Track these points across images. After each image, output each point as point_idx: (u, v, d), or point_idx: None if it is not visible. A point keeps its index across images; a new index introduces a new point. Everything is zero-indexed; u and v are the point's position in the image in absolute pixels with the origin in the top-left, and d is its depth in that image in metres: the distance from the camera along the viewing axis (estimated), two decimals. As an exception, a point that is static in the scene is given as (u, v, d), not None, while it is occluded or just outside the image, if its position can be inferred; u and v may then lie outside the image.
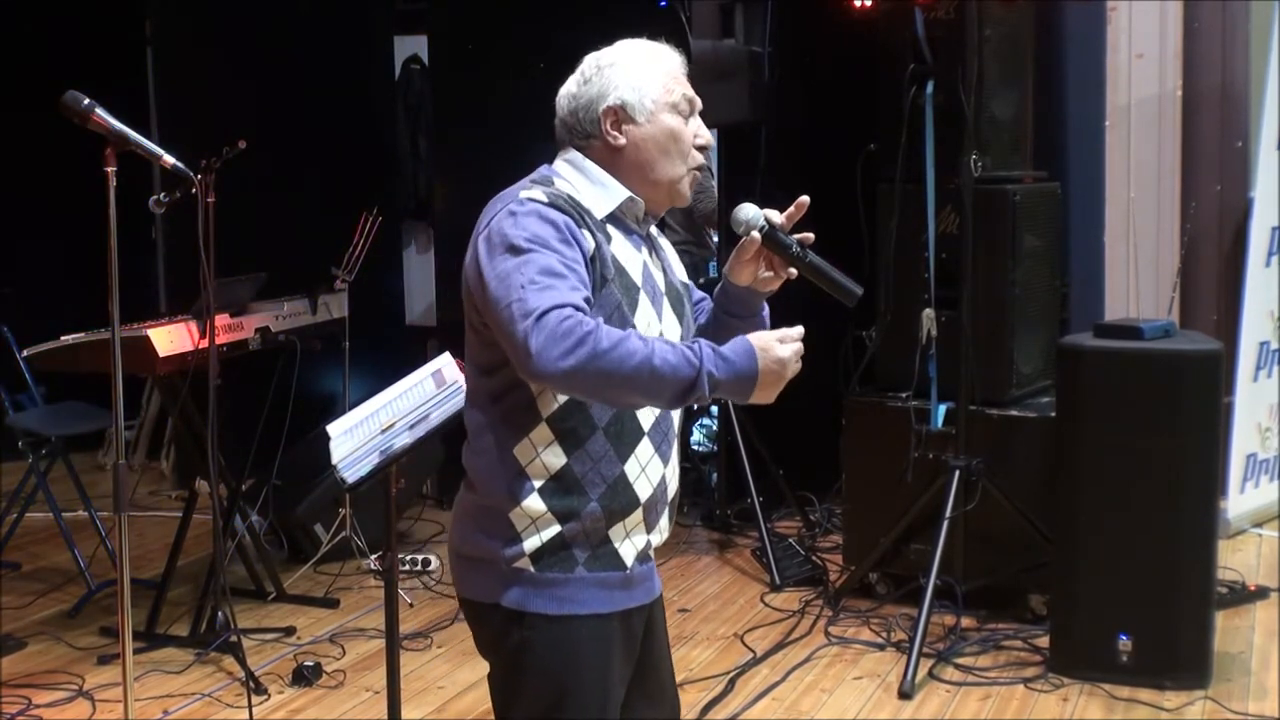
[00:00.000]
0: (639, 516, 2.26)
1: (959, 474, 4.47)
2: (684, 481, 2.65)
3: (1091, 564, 4.11)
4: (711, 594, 5.04)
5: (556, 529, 2.21)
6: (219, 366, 4.08)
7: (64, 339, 4.28)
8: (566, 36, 6.10)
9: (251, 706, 3.77)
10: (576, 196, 2.22)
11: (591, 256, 2.15)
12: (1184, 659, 4.07)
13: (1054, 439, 4.30)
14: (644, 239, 2.31)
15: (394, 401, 2.95)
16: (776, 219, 2.30)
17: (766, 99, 5.51)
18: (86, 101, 3.02)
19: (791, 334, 2.11)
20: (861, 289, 2.29)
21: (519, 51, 6.15)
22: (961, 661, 4.31)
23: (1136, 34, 5.74)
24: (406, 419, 2.84)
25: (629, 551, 2.27)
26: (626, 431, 2.22)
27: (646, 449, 2.25)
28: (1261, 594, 4.82)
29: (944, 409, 4.65)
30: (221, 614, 4.41)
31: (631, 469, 2.23)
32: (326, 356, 5.15)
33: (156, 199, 3.46)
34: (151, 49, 6.66)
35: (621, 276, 2.20)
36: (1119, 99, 5.79)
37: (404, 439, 2.82)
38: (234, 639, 4.28)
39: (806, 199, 2.30)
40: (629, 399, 2.10)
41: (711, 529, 5.66)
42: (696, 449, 6.54)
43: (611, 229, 2.24)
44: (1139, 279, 5.80)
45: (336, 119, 6.41)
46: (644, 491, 2.25)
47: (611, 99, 2.25)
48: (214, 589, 4.42)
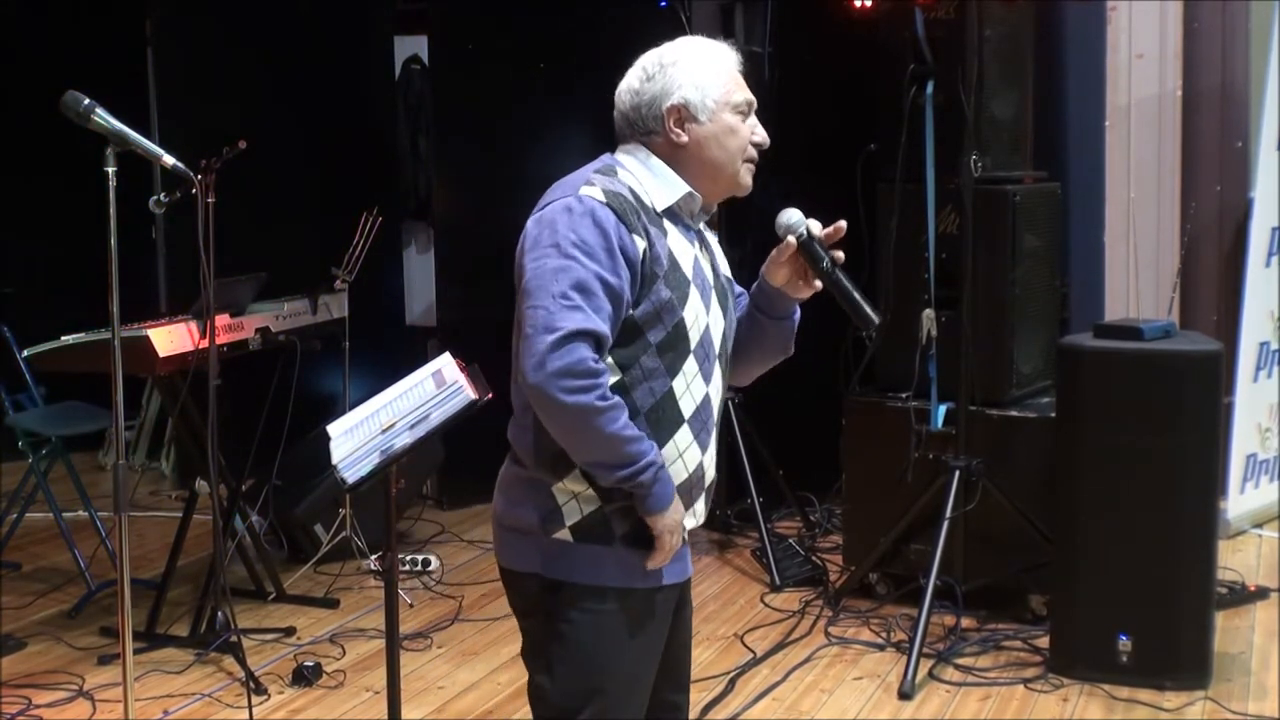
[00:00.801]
0: None
1: (959, 474, 4.47)
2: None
3: (1091, 564, 4.11)
4: (711, 594, 5.04)
5: (597, 504, 2.31)
6: (219, 366, 4.08)
7: (64, 339, 4.28)
8: (567, 36, 6.17)
9: (251, 706, 3.78)
10: (637, 189, 2.33)
11: (643, 255, 2.26)
12: (1184, 659, 4.07)
13: (1054, 439, 4.30)
14: (696, 233, 2.41)
15: (394, 401, 2.95)
16: (817, 230, 2.39)
17: (766, 99, 5.50)
18: (86, 101, 3.02)
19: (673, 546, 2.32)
20: (879, 318, 2.38)
21: (519, 51, 6.16)
22: (961, 662, 4.31)
23: (1136, 34, 5.74)
24: (407, 419, 2.84)
25: None
26: (666, 419, 2.31)
27: (685, 436, 2.34)
28: (1261, 594, 4.82)
29: (944, 409, 4.65)
30: (221, 614, 4.41)
31: (669, 453, 2.32)
32: (326, 356, 5.15)
33: (156, 199, 3.46)
34: (151, 49, 6.66)
35: (675, 270, 2.30)
36: (1119, 99, 5.79)
37: (404, 439, 2.82)
38: (234, 639, 4.28)
39: (844, 224, 2.41)
40: (580, 446, 2.25)
41: (711, 529, 5.66)
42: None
43: (667, 223, 2.34)
44: (1139, 279, 5.80)
45: (336, 119, 6.40)
46: (679, 475, 2.34)
47: (675, 98, 2.35)
48: (214, 589, 4.42)
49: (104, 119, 3.01)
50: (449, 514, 6.14)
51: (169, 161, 3.03)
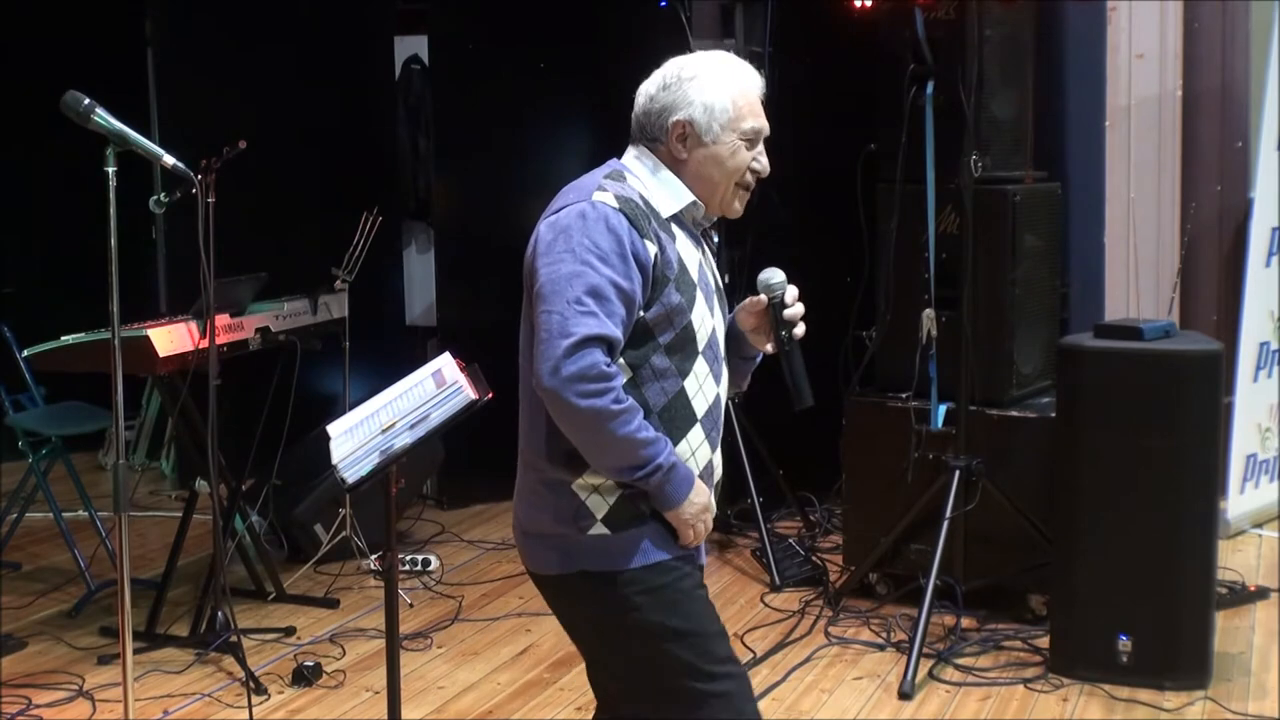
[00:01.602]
0: None
1: (959, 474, 4.47)
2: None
3: (1091, 564, 4.11)
4: (712, 594, 4.96)
5: (617, 491, 2.36)
6: (219, 366, 4.08)
7: (64, 339, 4.28)
8: (566, 36, 6.17)
9: (251, 706, 3.78)
10: (645, 195, 2.37)
11: (654, 260, 2.31)
12: (1184, 659, 4.07)
13: (1054, 439, 4.30)
14: (699, 238, 2.47)
15: (394, 401, 2.95)
16: (789, 299, 2.46)
17: (766, 99, 5.50)
18: (86, 101, 3.02)
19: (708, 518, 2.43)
20: (812, 403, 2.48)
21: (519, 51, 6.16)
22: (961, 662, 4.31)
23: (1136, 34, 5.74)
24: (407, 419, 2.84)
25: None
26: (679, 418, 2.37)
27: (698, 434, 2.40)
28: (1261, 594, 4.82)
29: (944, 409, 4.65)
30: (221, 614, 4.41)
31: (682, 451, 2.38)
32: (326, 356, 5.15)
33: (157, 199, 3.46)
34: (151, 49, 6.65)
35: (683, 274, 2.37)
36: (1119, 99, 5.78)
37: (404, 439, 2.81)
38: (234, 639, 4.28)
39: (801, 309, 2.49)
40: (595, 449, 2.30)
41: (711, 529, 5.65)
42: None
43: (675, 227, 2.39)
44: (1139, 279, 5.80)
45: (336, 119, 6.40)
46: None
47: (682, 114, 2.39)
48: (214, 589, 4.43)
49: (104, 119, 3.01)
50: (449, 514, 6.14)
51: (169, 161, 3.03)
